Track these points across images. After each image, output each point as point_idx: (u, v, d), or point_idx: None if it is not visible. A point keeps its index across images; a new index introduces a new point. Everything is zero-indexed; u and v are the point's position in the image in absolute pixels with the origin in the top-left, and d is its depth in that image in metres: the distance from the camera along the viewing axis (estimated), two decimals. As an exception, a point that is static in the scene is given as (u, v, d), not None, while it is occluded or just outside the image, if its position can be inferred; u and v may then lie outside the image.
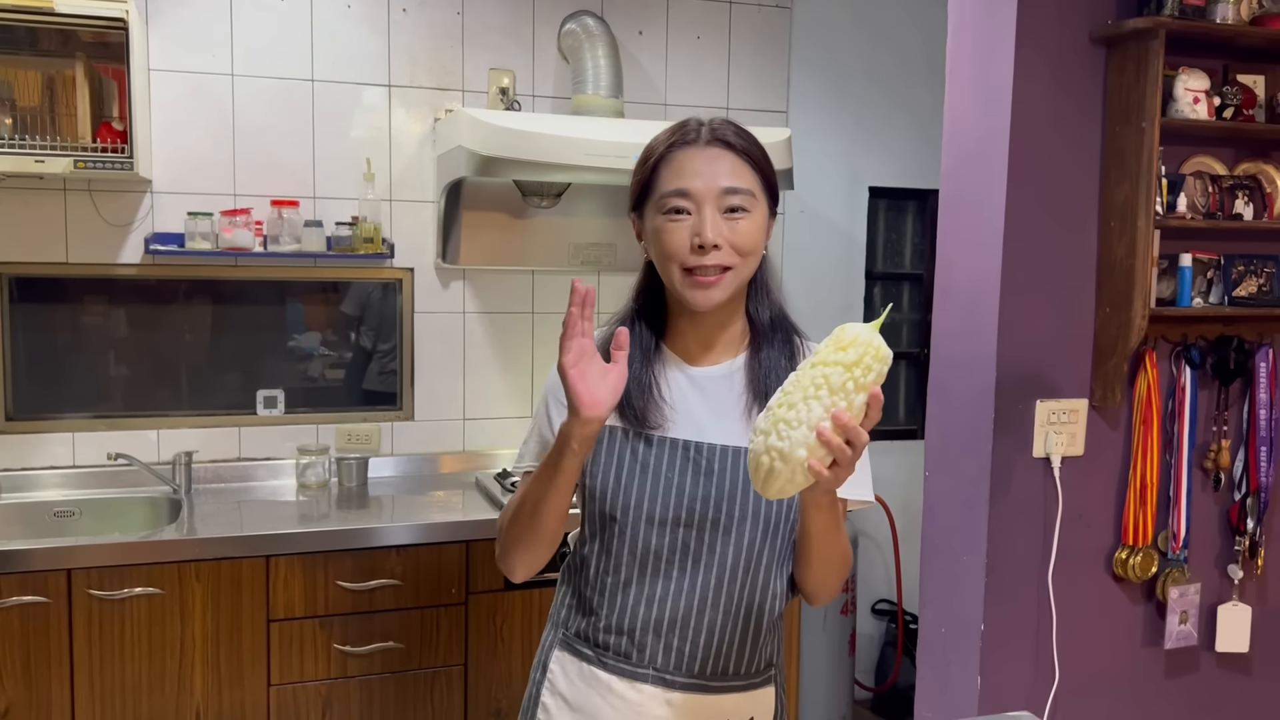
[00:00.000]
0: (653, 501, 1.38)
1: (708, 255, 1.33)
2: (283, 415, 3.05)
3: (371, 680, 2.56)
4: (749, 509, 1.39)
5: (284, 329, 3.07)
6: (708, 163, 1.35)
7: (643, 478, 1.39)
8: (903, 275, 3.81)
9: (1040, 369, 2.19)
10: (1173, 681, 2.38)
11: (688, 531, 1.38)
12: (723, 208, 1.34)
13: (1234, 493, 2.36)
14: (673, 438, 1.40)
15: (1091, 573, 2.27)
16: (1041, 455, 2.20)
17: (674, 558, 1.39)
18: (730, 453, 1.39)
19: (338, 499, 2.89)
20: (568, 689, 1.46)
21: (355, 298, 3.12)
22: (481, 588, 2.63)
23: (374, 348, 3.15)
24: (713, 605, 1.40)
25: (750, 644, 1.44)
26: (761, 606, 1.43)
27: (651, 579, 1.39)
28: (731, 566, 1.39)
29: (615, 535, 1.40)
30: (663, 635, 1.40)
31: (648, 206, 1.39)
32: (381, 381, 3.16)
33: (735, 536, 1.39)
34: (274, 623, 2.48)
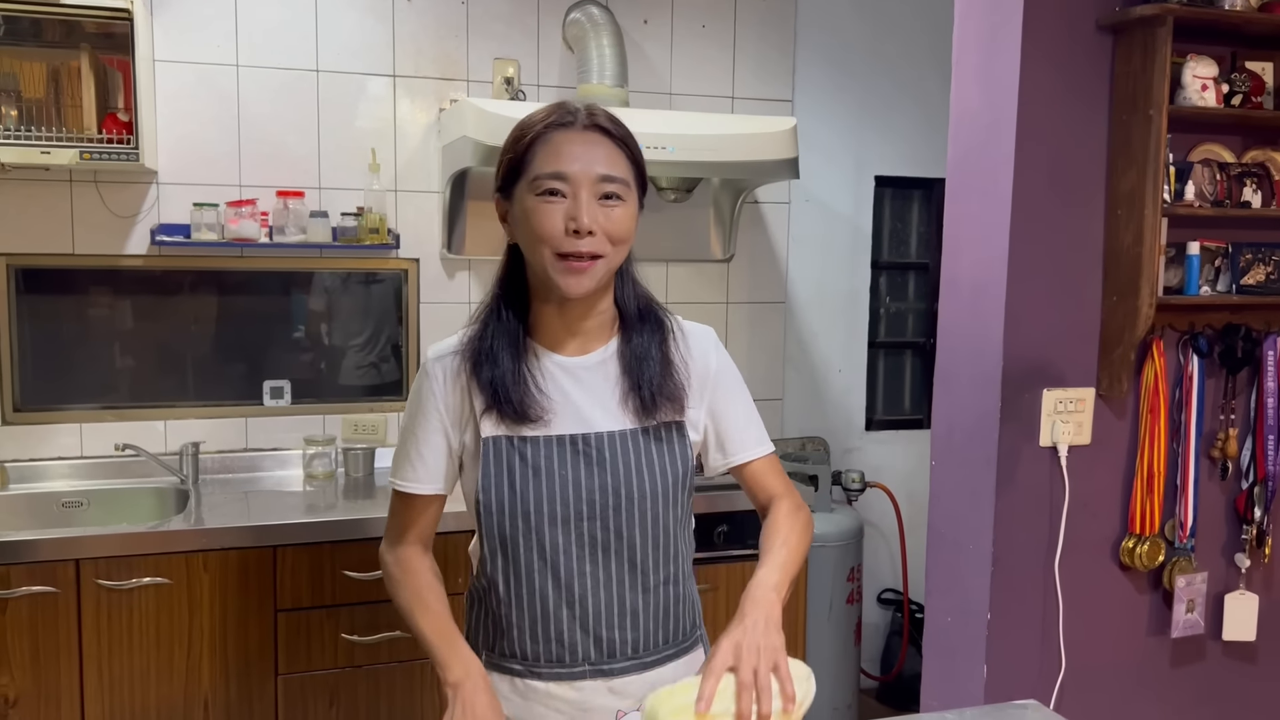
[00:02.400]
0: (552, 502, 1.37)
1: (582, 241, 1.30)
2: (289, 406, 3.05)
3: (379, 669, 2.57)
4: (646, 488, 1.40)
5: (290, 320, 3.07)
6: (586, 147, 1.32)
7: (536, 481, 1.37)
8: (909, 264, 3.80)
9: (1047, 358, 2.18)
10: (1179, 670, 2.38)
11: (592, 524, 1.39)
12: (598, 194, 1.31)
13: (1241, 481, 2.35)
14: (559, 434, 1.39)
15: (1098, 562, 2.27)
16: (1048, 444, 2.19)
17: (584, 552, 1.39)
18: (616, 438, 1.40)
19: (344, 489, 2.89)
20: (507, 707, 1.44)
21: (355, 286, 3.12)
22: (488, 577, 2.63)
23: (377, 338, 3.15)
24: (631, 587, 1.42)
25: (675, 613, 1.47)
26: (675, 574, 1.46)
27: (567, 578, 1.39)
28: (641, 545, 1.41)
29: (520, 545, 1.39)
30: (590, 630, 1.41)
31: (518, 187, 1.35)
32: (385, 372, 3.17)
33: (639, 516, 1.40)
34: (281, 612, 2.49)
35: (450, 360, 1.42)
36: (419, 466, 1.44)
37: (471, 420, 1.41)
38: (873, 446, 3.71)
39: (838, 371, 3.65)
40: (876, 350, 3.76)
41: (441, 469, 1.45)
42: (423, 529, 1.50)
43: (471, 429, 1.41)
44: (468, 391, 1.40)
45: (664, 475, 1.42)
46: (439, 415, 1.42)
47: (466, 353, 1.41)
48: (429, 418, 1.43)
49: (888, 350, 3.81)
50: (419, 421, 1.44)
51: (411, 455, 1.45)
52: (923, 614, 3.62)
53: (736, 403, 1.51)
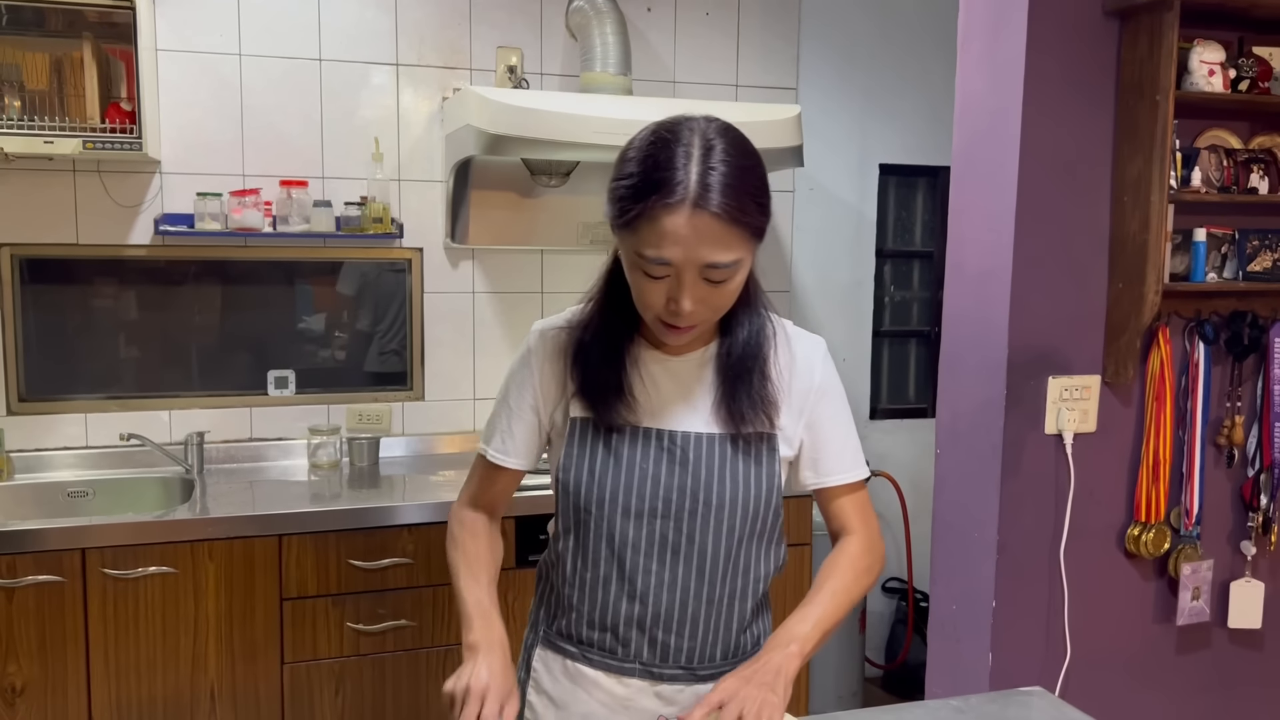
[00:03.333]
0: (628, 493, 1.35)
1: (683, 318, 1.26)
2: (294, 396, 3.05)
3: (384, 658, 2.58)
4: (725, 496, 1.36)
5: (294, 310, 3.07)
6: (692, 232, 1.19)
7: (616, 469, 1.36)
8: (913, 253, 3.80)
9: (1052, 346, 2.18)
10: (1184, 658, 2.37)
11: (664, 523, 1.36)
12: (704, 276, 1.23)
13: (1247, 469, 2.35)
14: (645, 426, 1.37)
15: (1103, 549, 2.27)
16: (1053, 432, 2.19)
17: (652, 550, 1.36)
18: (704, 440, 1.37)
19: (349, 479, 2.89)
20: (553, 686, 1.45)
21: (358, 277, 3.12)
22: (493, 566, 2.64)
23: (381, 328, 3.15)
24: (695, 597, 1.38)
25: (737, 630, 1.43)
26: (745, 591, 1.41)
27: (631, 574, 1.37)
28: (712, 556, 1.37)
29: (591, 530, 1.37)
30: (646, 630, 1.38)
31: (622, 240, 1.27)
32: (389, 362, 3.16)
33: (714, 525, 1.36)
34: (287, 601, 2.50)
35: (555, 336, 1.42)
36: (508, 440, 1.45)
37: (564, 399, 1.41)
38: (877, 435, 3.71)
39: (842, 360, 3.64)
40: (881, 339, 3.76)
41: (530, 445, 1.45)
42: (496, 497, 1.51)
43: (563, 407, 1.41)
44: (566, 370, 1.40)
45: (747, 486, 1.37)
46: (534, 392, 1.42)
47: (572, 333, 1.40)
48: (524, 393, 1.43)
49: (892, 339, 3.80)
50: (514, 394, 1.44)
51: (503, 426, 1.45)
52: (927, 602, 3.63)
53: (836, 422, 1.44)
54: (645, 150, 1.23)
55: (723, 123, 1.26)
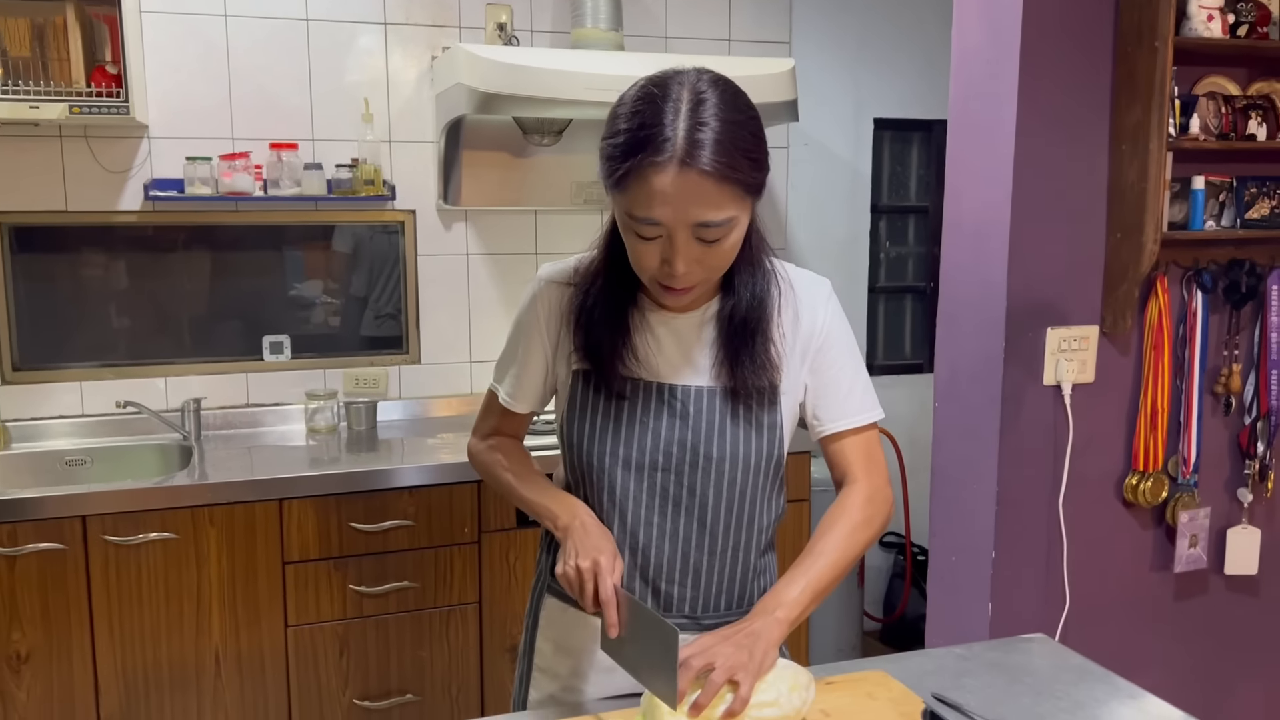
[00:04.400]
0: (628, 447, 1.36)
1: (679, 279, 1.24)
2: (289, 361, 3.04)
3: (387, 619, 2.59)
4: (726, 451, 1.36)
5: (287, 274, 3.05)
6: (681, 190, 1.16)
7: (617, 423, 1.36)
8: (908, 208, 3.78)
9: (1050, 297, 2.17)
10: (1182, 604, 2.40)
11: (665, 476, 1.36)
12: (696, 235, 1.20)
13: (1244, 417, 2.36)
14: (646, 380, 1.36)
15: (1102, 499, 2.28)
16: (1052, 383, 2.19)
17: (654, 503, 1.37)
18: (705, 394, 1.36)
19: (347, 443, 2.89)
20: (560, 633, 1.46)
21: (351, 241, 3.10)
22: (494, 527, 2.65)
23: (375, 292, 3.13)
24: (697, 548, 1.38)
25: (740, 580, 1.43)
26: (749, 542, 1.41)
27: (633, 526, 1.37)
28: (713, 509, 1.37)
29: (593, 483, 1.38)
30: (649, 581, 1.39)
31: (614, 200, 1.24)
32: (384, 326, 3.15)
33: (715, 479, 1.36)
34: (289, 565, 2.50)
35: (560, 290, 1.40)
36: (518, 385, 1.45)
37: (568, 351, 1.40)
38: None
39: (838, 317, 3.64)
40: (876, 295, 3.75)
41: (539, 390, 1.46)
42: (515, 430, 1.53)
43: (566, 359, 1.41)
44: (568, 323, 1.39)
45: (748, 441, 1.36)
46: (541, 339, 1.42)
47: (576, 292, 1.38)
48: (532, 339, 1.43)
49: (888, 295, 3.80)
50: (524, 338, 1.44)
51: (514, 370, 1.46)
52: (924, 557, 3.66)
53: (839, 366, 1.41)
54: (633, 107, 1.20)
55: (715, 75, 1.23)
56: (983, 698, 1.37)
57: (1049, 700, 1.38)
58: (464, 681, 2.68)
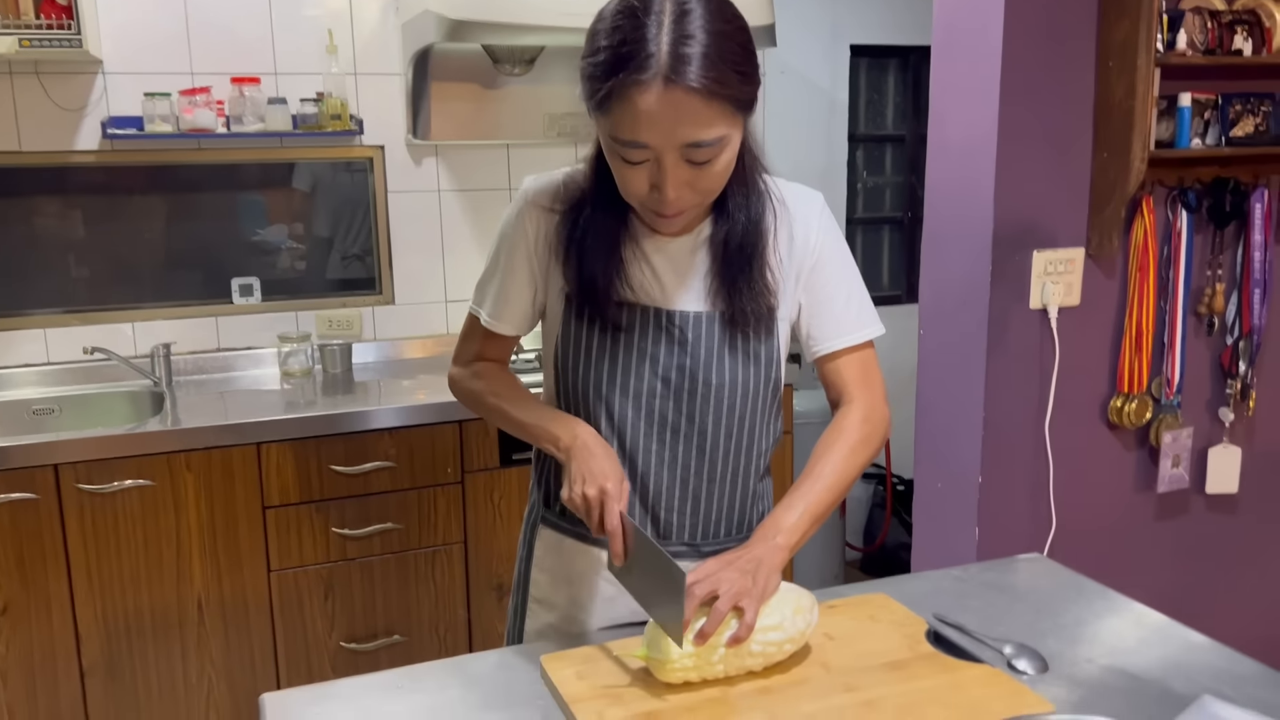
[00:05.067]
0: (626, 374, 1.32)
1: (669, 204, 1.19)
2: (260, 303, 2.97)
3: (372, 561, 2.57)
4: (725, 377, 1.32)
5: (254, 216, 2.97)
6: (667, 109, 1.10)
7: (613, 350, 1.32)
8: (886, 137, 3.74)
9: (1037, 220, 2.15)
10: (1163, 524, 2.42)
11: (664, 403, 1.32)
12: (686, 157, 1.14)
13: (1226, 337, 2.36)
14: (643, 305, 1.32)
15: (1087, 422, 2.29)
16: (1038, 307, 2.18)
17: (652, 430, 1.33)
18: (703, 320, 1.32)
19: (323, 386, 2.84)
20: (557, 564, 1.43)
21: (318, 179, 3.01)
22: (477, 466, 2.62)
23: (346, 231, 3.06)
24: (696, 475, 1.36)
25: (740, 506, 1.41)
26: (748, 467, 1.39)
27: (630, 454, 1.34)
28: (713, 435, 1.34)
29: (588, 412, 1.34)
30: (649, 507, 1.37)
31: (597, 123, 1.18)
32: (356, 267, 3.08)
33: (715, 405, 1.33)
34: (269, 509, 2.46)
35: (546, 216, 1.33)
36: (503, 307, 1.39)
37: (558, 274, 1.34)
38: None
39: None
40: (854, 226, 3.72)
41: (526, 312, 1.40)
42: (498, 355, 1.46)
43: (557, 282, 1.35)
44: (557, 246, 1.33)
45: (747, 367, 1.33)
46: (528, 260, 1.36)
47: (563, 211, 1.32)
48: (517, 259, 1.36)
49: (866, 226, 3.77)
50: (507, 258, 1.37)
51: (497, 291, 1.39)
52: (904, 487, 3.68)
53: (834, 283, 1.37)
54: (613, 22, 1.13)
55: None
56: (983, 617, 1.37)
57: (1049, 617, 1.38)
58: (451, 621, 2.67)
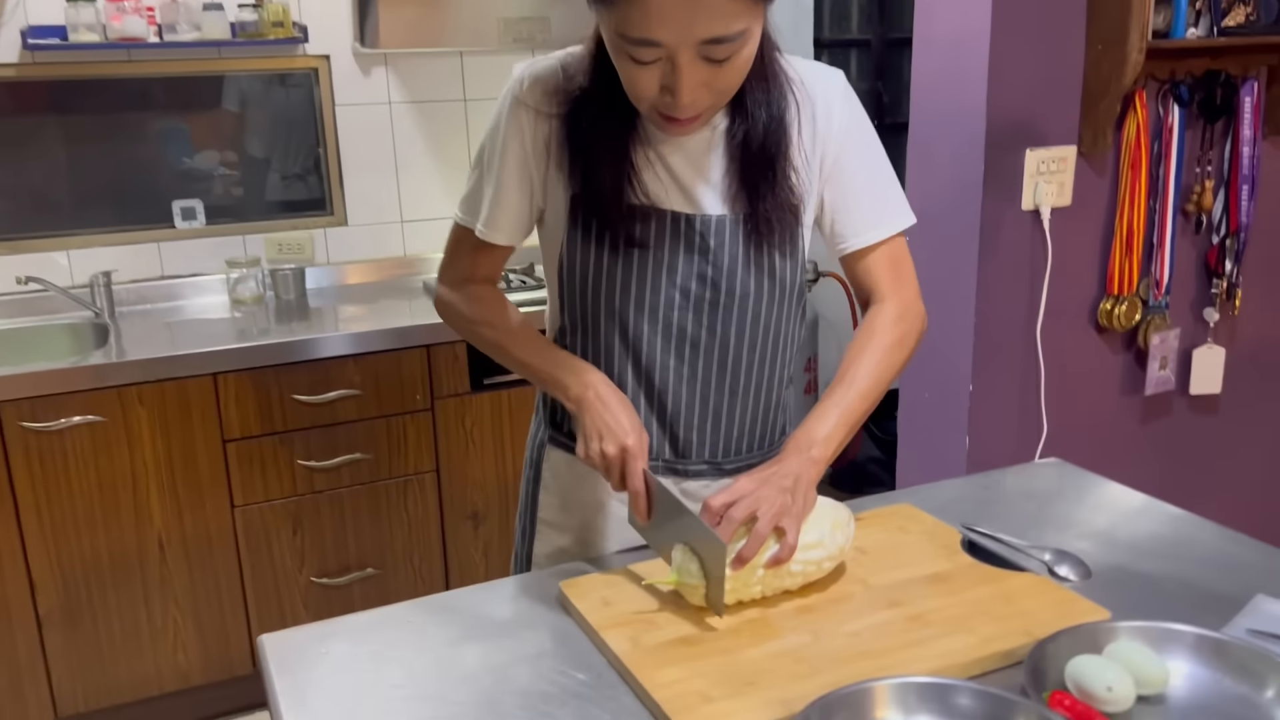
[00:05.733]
0: (641, 285, 1.21)
1: (683, 108, 1.06)
2: (204, 227, 2.80)
3: (341, 493, 2.46)
4: (750, 285, 1.22)
5: (194, 133, 2.77)
6: (684, 1, 0.97)
7: (627, 259, 1.20)
8: (851, 42, 3.62)
9: (1030, 116, 2.07)
10: (1148, 427, 2.40)
11: (683, 315, 1.22)
12: (703, 55, 1.02)
13: (1213, 235, 2.33)
14: (659, 210, 1.20)
15: (1077, 325, 2.24)
16: (1030, 208, 2.11)
17: (669, 345, 1.24)
18: (726, 224, 1.20)
19: (276, 313, 2.69)
20: (567, 485, 1.34)
21: (263, 89, 2.82)
22: (447, 392, 2.51)
23: (292, 148, 2.88)
24: (717, 390, 1.26)
25: (763, 420, 1.32)
26: (770, 380, 1.30)
27: (647, 371, 1.24)
28: (735, 348, 1.25)
29: (602, 325, 1.24)
30: (667, 425, 1.28)
31: (600, 17, 1.06)
32: (304, 187, 2.91)
33: (738, 316, 1.23)
34: (230, 443, 2.34)
35: (544, 120, 1.20)
36: (498, 214, 1.24)
37: (561, 174, 1.22)
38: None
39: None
40: (819, 136, 3.61)
41: (523, 220, 1.26)
42: (491, 271, 1.32)
43: (561, 183, 1.22)
44: (558, 153, 1.20)
45: (772, 273, 1.22)
46: (523, 165, 1.22)
47: (562, 119, 1.19)
48: (511, 159, 1.22)
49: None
50: (500, 159, 1.22)
51: (490, 196, 1.24)
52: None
53: (860, 172, 1.25)
54: None
55: None
56: (1013, 524, 1.32)
57: (1080, 522, 1.33)
58: (426, 552, 2.58)
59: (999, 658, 1.00)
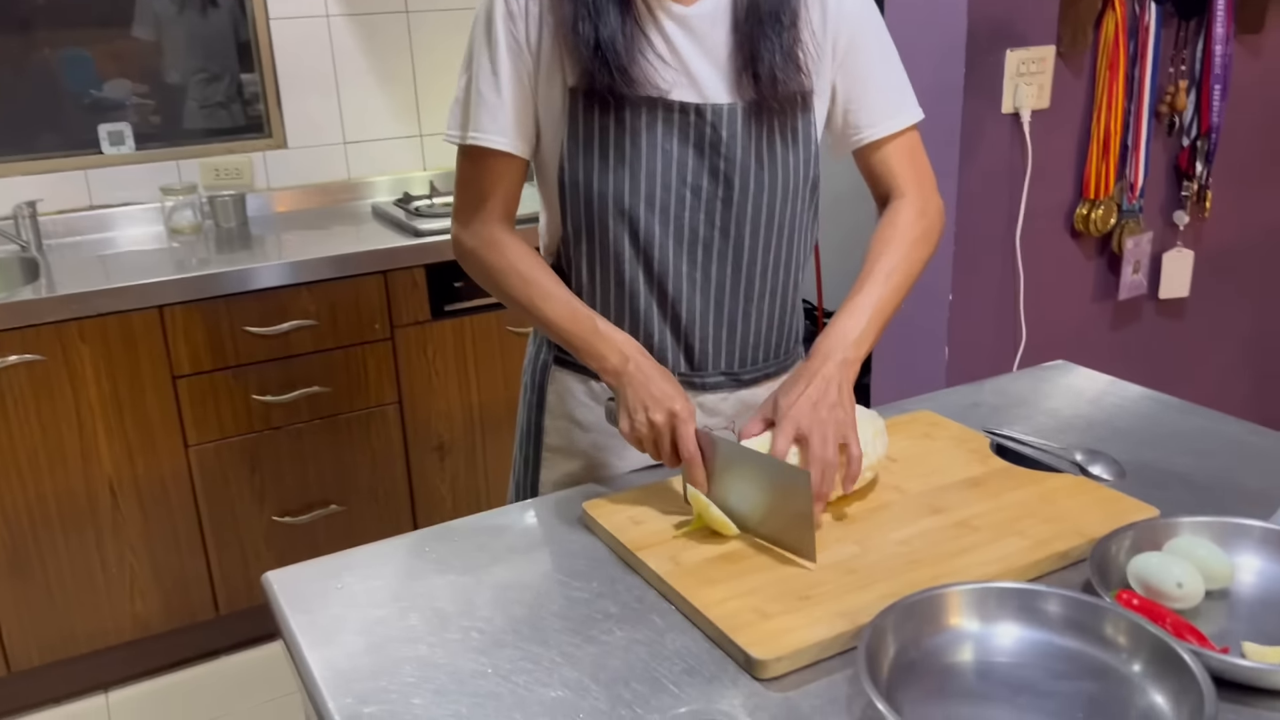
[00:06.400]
0: (651, 183, 1.13)
1: None
2: (134, 153, 2.62)
3: (300, 428, 2.35)
4: (765, 180, 1.15)
5: (118, 51, 2.58)
6: None
7: (635, 155, 1.12)
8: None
9: (1010, 15, 2.01)
10: (1119, 333, 2.41)
11: (695, 215, 1.15)
12: None
13: (1184, 137, 2.31)
14: (665, 99, 1.11)
15: (1053, 231, 2.22)
16: (1010, 110, 2.07)
17: (682, 247, 1.16)
18: (738, 113, 1.13)
19: (217, 242, 2.54)
20: (575, 409, 1.27)
21: (189, 5, 2.63)
22: (407, 320, 2.40)
23: (222, 67, 2.70)
24: (732, 295, 1.20)
25: (779, 327, 1.27)
26: (786, 284, 1.24)
27: (660, 274, 1.17)
28: (750, 249, 1.18)
29: (610, 230, 1.15)
30: (682, 337, 1.21)
31: None
32: (238, 109, 2.74)
33: (752, 215, 1.16)
34: (180, 379, 2.21)
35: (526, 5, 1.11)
36: (499, 115, 1.14)
37: (558, 67, 1.12)
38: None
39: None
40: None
41: (525, 122, 1.16)
42: (507, 199, 1.20)
43: (558, 78, 1.13)
44: (552, 30, 1.11)
45: (785, 165, 1.16)
46: (518, 54, 1.12)
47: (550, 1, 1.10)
48: (502, 56, 1.12)
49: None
50: (491, 59, 1.13)
51: (488, 100, 1.14)
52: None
53: (875, 58, 1.20)
54: None
55: None
56: (1035, 427, 1.28)
57: (1102, 423, 1.30)
58: (391, 486, 2.49)
59: (1055, 559, 0.97)
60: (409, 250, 2.37)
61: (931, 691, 0.81)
